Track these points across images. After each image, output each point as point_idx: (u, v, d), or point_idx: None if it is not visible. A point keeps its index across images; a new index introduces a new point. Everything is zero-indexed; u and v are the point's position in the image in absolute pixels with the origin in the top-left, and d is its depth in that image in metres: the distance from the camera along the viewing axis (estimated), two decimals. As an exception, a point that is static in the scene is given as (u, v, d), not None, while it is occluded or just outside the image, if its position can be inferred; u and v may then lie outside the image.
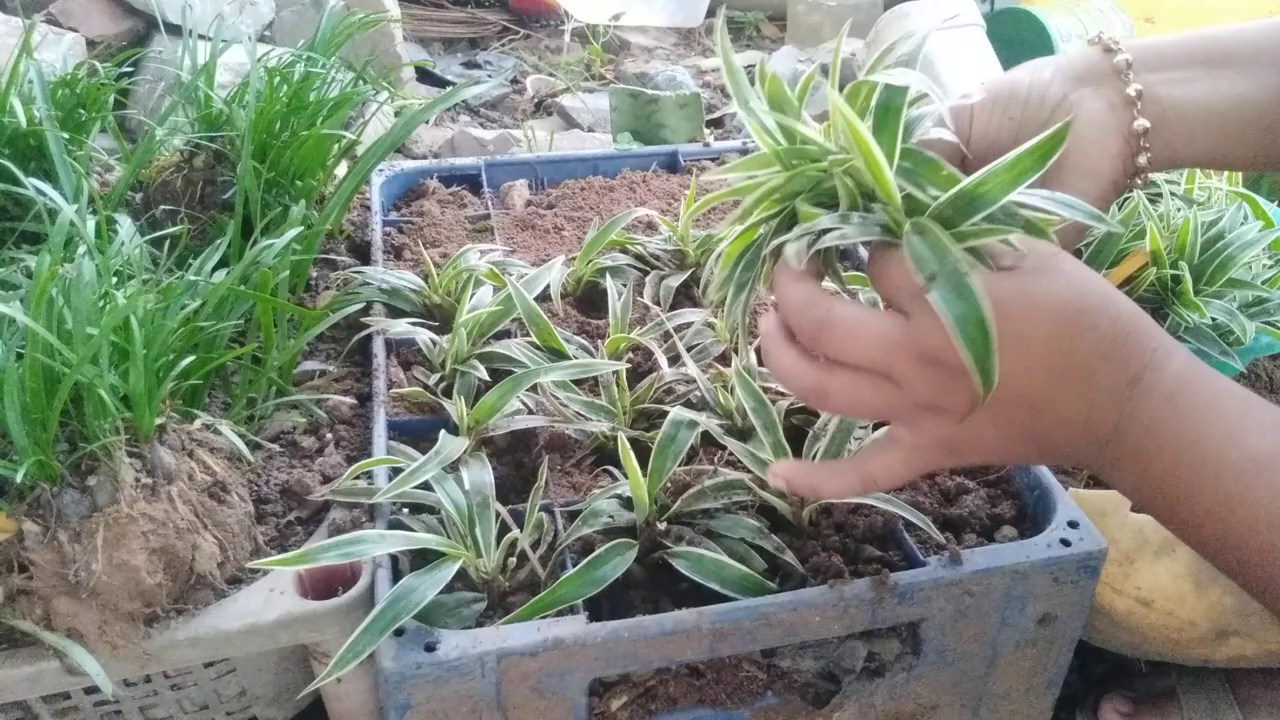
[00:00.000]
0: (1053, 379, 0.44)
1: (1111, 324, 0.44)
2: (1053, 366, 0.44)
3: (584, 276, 0.93)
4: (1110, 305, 0.45)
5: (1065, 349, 0.44)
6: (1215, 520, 0.44)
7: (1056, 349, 0.44)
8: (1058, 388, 0.45)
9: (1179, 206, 0.86)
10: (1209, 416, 0.44)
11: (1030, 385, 0.45)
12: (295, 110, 0.94)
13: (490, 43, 2.39)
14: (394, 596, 0.58)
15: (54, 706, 0.62)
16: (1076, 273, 0.45)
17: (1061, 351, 0.44)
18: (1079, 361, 0.44)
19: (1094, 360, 0.44)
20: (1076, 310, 0.44)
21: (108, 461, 0.58)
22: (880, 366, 0.46)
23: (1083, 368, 0.44)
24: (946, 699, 0.70)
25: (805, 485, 0.54)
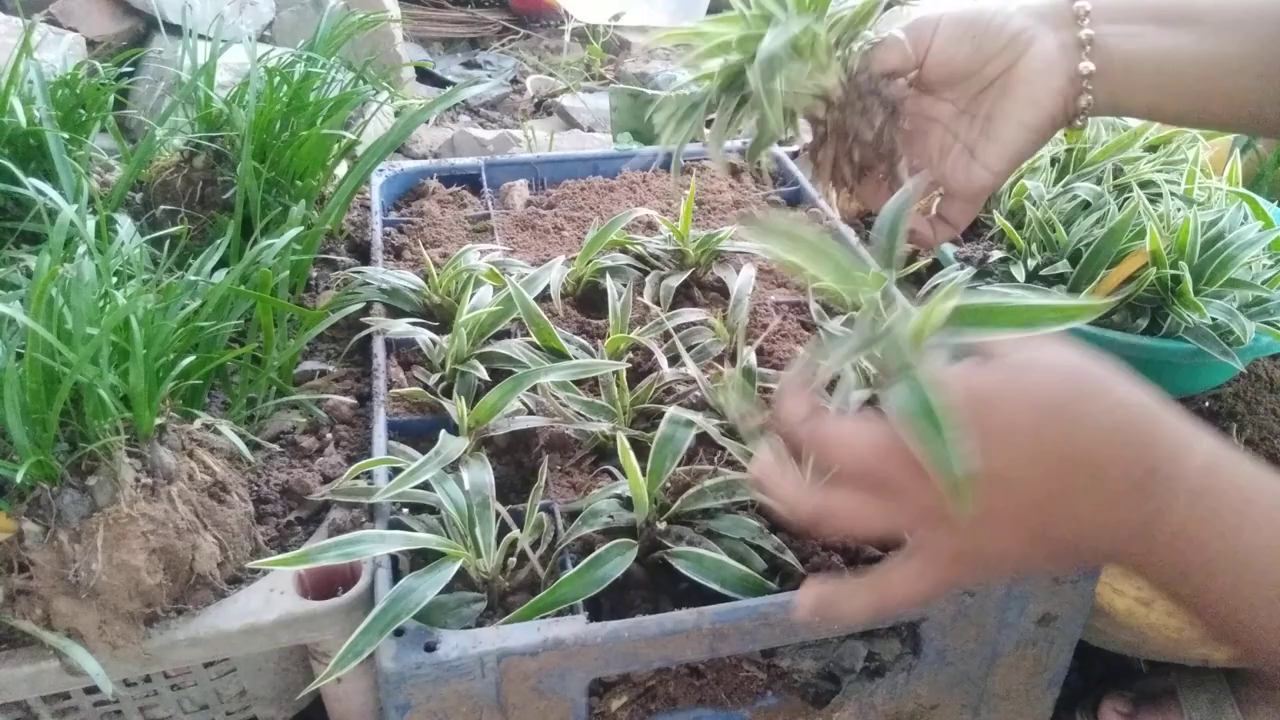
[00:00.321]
0: (1054, 474, 0.41)
1: (1113, 413, 0.41)
2: (1050, 460, 0.41)
3: (584, 276, 0.93)
4: (1111, 392, 0.41)
5: (1060, 441, 0.40)
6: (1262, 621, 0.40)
7: (1050, 441, 0.40)
8: (1062, 483, 0.41)
9: (1179, 206, 0.86)
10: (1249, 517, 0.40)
11: (1030, 482, 0.41)
12: (295, 110, 0.94)
13: (490, 43, 2.39)
14: (394, 596, 0.58)
15: (54, 706, 0.62)
16: (1070, 359, 0.42)
17: (1057, 444, 0.40)
18: (1081, 454, 0.40)
19: (1098, 451, 0.40)
20: (1070, 398, 0.41)
21: (108, 461, 0.58)
22: (876, 475, 0.43)
23: (1087, 461, 0.41)
24: (946, 699, 0.70)
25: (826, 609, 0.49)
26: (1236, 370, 0.80)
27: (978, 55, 0.58)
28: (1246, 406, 0.86)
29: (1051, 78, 0.58)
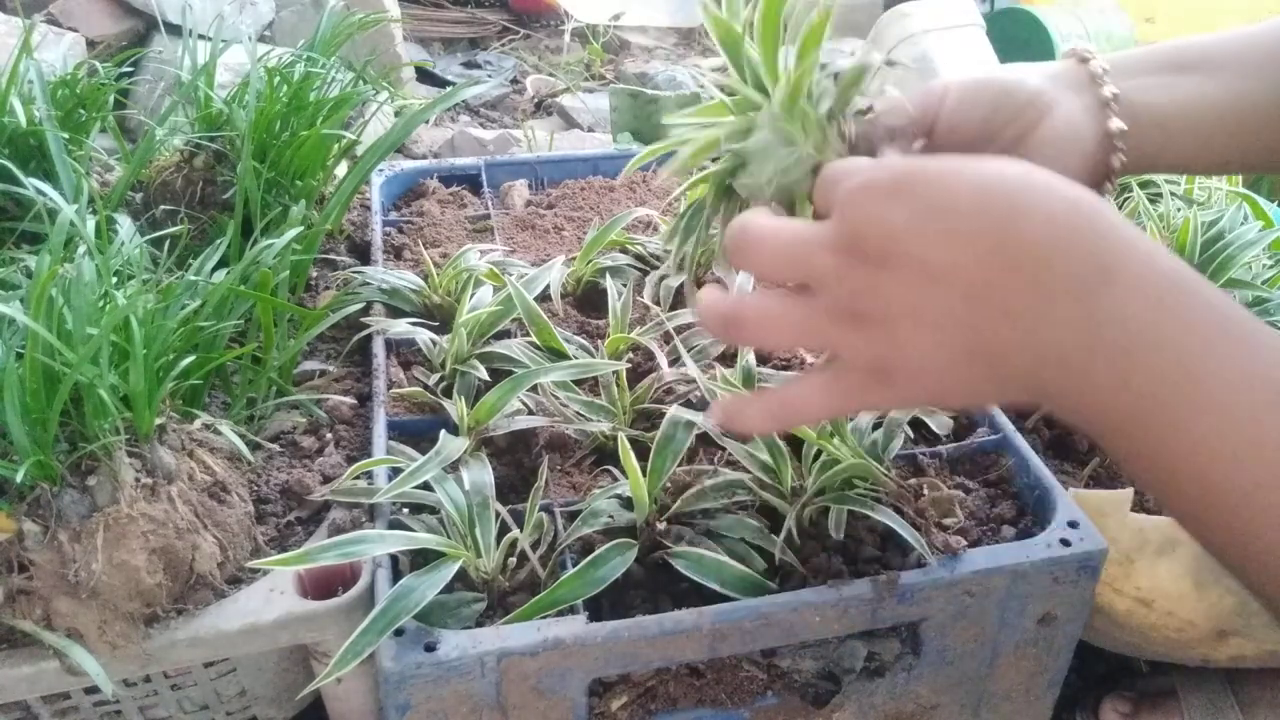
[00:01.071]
0: (992, 262, 0.36)
1: (1069, 208, 0.36)
2: (985, 246, 0.36)
3: (584, 276, 0.93)
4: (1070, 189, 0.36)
5: (1000, 225, 0.36)
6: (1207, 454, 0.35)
7: (989, 225, 0.36)
8: (997, 271, 0.36)
9: (1179, 206, 0.86)
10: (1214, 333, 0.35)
11: (962, 269, 0.36)
12: (295, 110, 0.94)
13: (490, 43, 2.39)
14: (394, 596, 0.58)
15: (54, 706, 0.62)
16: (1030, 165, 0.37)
17: (994, 228, 0.36)
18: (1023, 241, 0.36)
19: (1044, 242, 0.35)
20: (1019, 187, 0.36)
21: (108, 461, 0.58)
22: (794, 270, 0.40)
23: (1028, 248, 0.35)
24: (946, 699, 0.70)
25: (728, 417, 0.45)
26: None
27: (994, 119, 0.53)
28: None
29: (1080, 141, 0.53)
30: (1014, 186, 0.36)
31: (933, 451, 0.75)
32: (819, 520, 0.67)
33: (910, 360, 0.38)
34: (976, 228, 0.36)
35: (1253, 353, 0.35)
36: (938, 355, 0.38)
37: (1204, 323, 0.35)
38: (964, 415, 0.79)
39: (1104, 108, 0.54)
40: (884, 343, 0.38)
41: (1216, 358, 0.34)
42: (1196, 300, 0.35)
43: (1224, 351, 0.35)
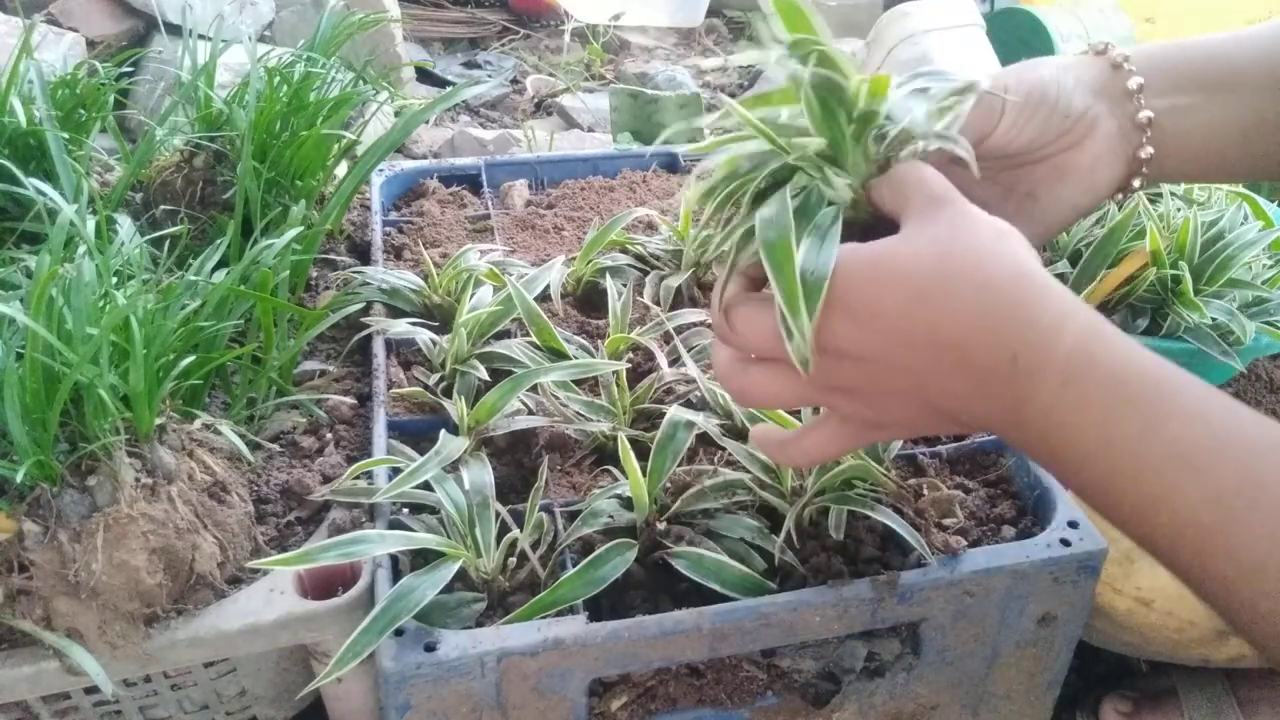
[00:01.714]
0: (925, 355, 0.42)
1: (977, 294, 0.41)
2: (919, 342, 0.42)
3: (584, 276, 0.93)
4: (980, 270, 0.41)
5: (926, 324, 0.41)
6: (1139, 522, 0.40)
7: (913, 323, 0.42)
8: (934, 362, 0.42)
9: (1179, 206, 0.86)
10: (1117, 406, 0.39)
11: (905, 362, 0.43)
12: (295, 110, 0.94)
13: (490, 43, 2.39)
14: (394, 596, 0.58)
15: (54, 706, 0.62)
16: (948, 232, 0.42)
17: (921, 325, 0.42)
18: (946, 336, 0.41)
19: (962, 335, 0.41)
20: (933, 280, 0.41)
21: (108, 461, 0.58)
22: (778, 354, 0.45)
23: (952, 343, 0.41)
24: (946, 699, 0.70)
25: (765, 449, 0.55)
26: (1236, 370, 0.80)
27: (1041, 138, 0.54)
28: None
29: (1114, 165, 0.55)
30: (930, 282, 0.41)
31: (932, 451, 0.75)
32: (819, 520, 0.67)
33: (890, 416, 0.47)
34: (904, 327, 0.42)
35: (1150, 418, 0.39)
36: (910, 413, 0.46)
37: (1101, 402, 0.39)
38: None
39: (1138, 131, 0.55)
40: (866, 407, 0.47)
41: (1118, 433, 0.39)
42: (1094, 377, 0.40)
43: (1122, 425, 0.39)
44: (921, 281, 0.41)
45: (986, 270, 0.41)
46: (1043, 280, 0.41)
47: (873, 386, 0.45)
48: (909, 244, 0.43)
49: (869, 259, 0.43)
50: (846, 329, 0.43)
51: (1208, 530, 0.37)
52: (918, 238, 0.43)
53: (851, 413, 0.48)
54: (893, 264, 0.42)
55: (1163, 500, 0.38)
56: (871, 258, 0.43)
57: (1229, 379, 0.87)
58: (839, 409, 0.49)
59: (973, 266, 0.41)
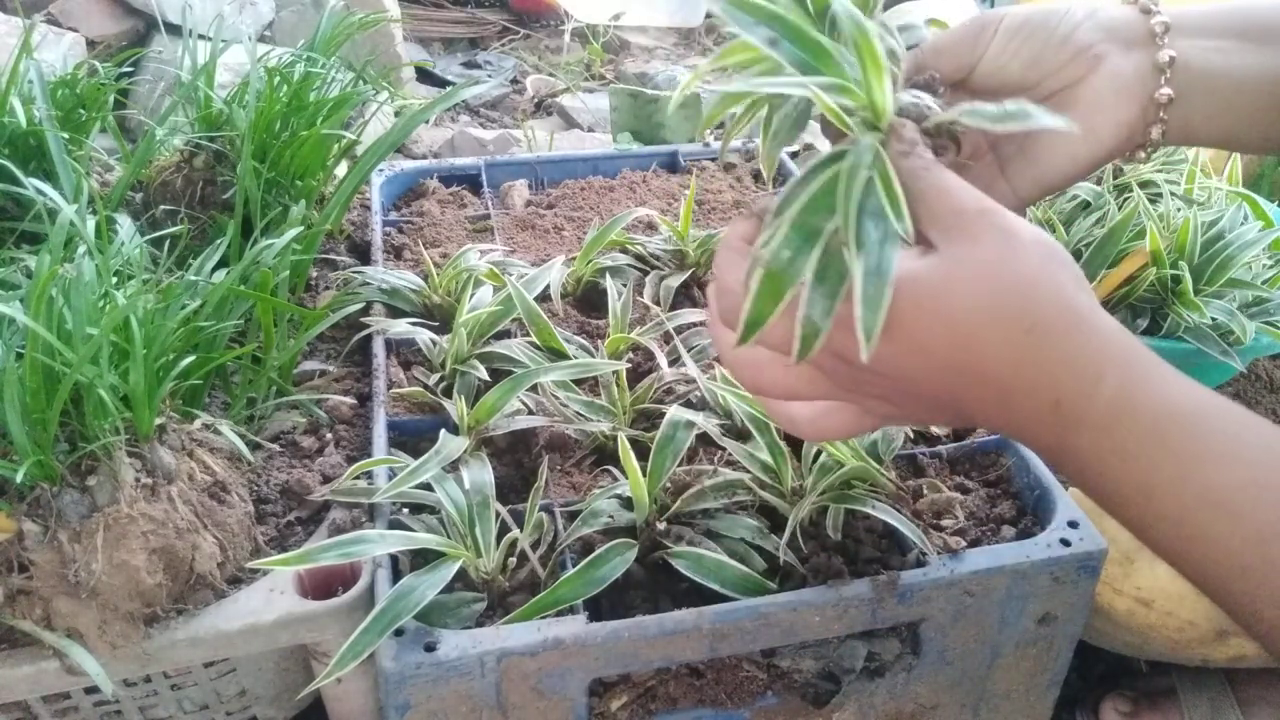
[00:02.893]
0: (965, 385, 0.41)
1: (1025, 339, 0.40)
2: (962, 376, 0.41)
3: (584, 276, 0.93)
4: (1028, 313, 0.39)
5: (971, 361, 0.40)
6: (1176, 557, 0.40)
7: (963, 361, 0.41)
8: (975, 395, 0.42)
9: (1179, 206, 0.86)
10: (1154, 453, 0.39)
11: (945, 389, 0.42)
12: (295, 110, 0.94)
13: (490, 43, 2.39)
14: (394, 596, 0.58)
15: (54, 706, 0.62)
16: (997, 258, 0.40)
17: (968, 364, 0.41)
18: (991, 376, 0.40)
19: (1006, 378, 0.40)
20: (986, 320, 0.40)
21: (108, 461, 0.58)
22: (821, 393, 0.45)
23: (995, 384, 0.41)
24: (946, 699, 0.70)
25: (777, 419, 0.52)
26: (1236, 370, 0.80)
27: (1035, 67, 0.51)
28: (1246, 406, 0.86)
29: (1120, 108, 0.51)
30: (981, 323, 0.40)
31: (933, 451, 0.75)
32: (819, 520, 0.67)
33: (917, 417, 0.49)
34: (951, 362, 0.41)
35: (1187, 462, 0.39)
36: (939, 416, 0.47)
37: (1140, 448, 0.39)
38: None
39: (1157, 72, 0.50)
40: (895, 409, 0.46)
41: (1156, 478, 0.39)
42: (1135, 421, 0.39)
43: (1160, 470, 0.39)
44: (972, 322, 0.40)
45: (1038, 311, 0.40)
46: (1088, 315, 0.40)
47: (904, 397, 0.44)
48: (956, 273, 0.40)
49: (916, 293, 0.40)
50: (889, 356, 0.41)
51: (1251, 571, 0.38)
52: (963, 264, 0.40)
53: (877, 411, 0.47)
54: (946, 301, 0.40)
55: (1206, 542, 0.38)
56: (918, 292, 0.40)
57: (1229, 379, 0.87)
58: (863, 406, 0.47)
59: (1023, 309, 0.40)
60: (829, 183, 0.41)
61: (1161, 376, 0.40)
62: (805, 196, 0.41)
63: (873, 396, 0.45)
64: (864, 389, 0.45)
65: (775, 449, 0.68)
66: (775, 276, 0.41)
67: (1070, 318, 0.40)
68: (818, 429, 0.50)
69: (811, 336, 0.40)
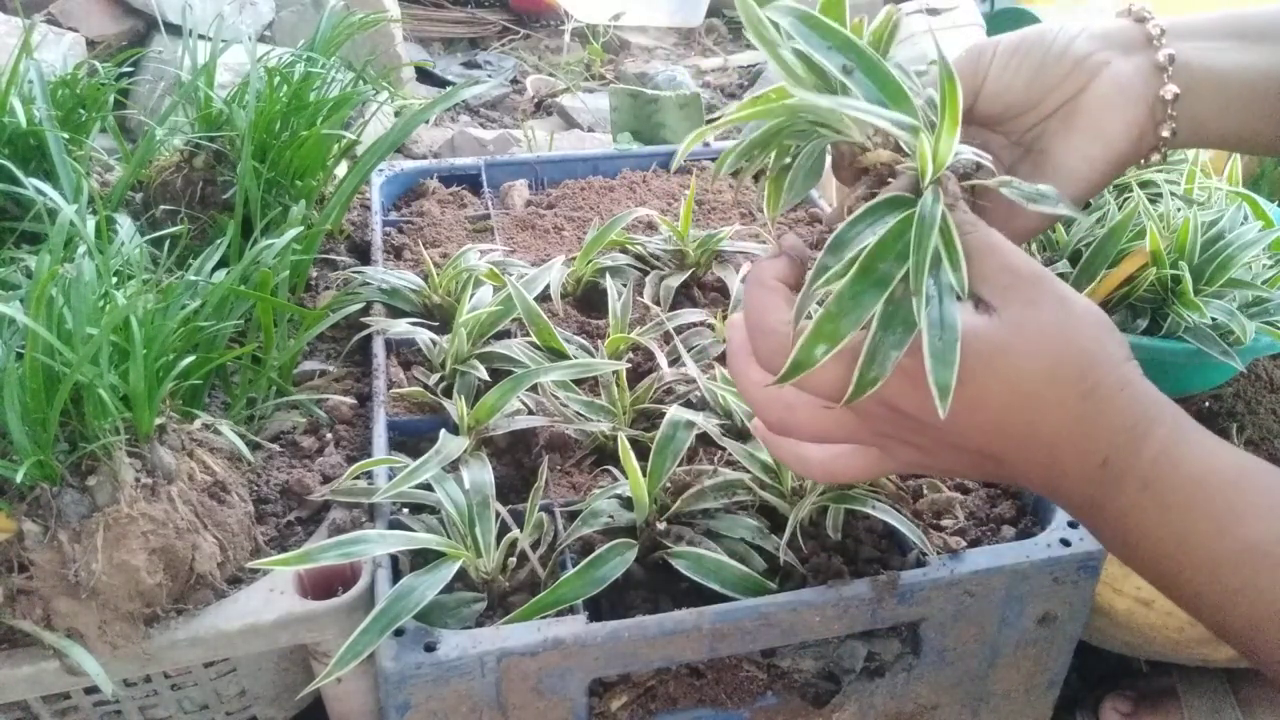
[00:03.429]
0: (1015, 445, 0.42)
1: (1080, 402, 0.41)
2: (1013, 435, 0.42)
3: (584, 276, 0.93)
4: (1085, 378, 0.41)
5: (1026, 421, 0.41)
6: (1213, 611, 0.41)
7: (1013, 420, 0.41)
8: (1021, 454, 0.42)
9: (1179, 206, 0.86)
10: (1195, 506, 0.40)
11: (991, 445, 0.43)
12: (295, 110, 0.94)
13: (490, 43, 2.39)
14: (394, 596, 0.58)
15: (54, 706, 0.62)
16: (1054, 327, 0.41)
17: (1022, 423, 0.41)
18: (1043, 436, 0.41)
19: (1058, 438, 0.41)
20: (1044, 383, 0.41)
21: (108, 461, 0.58)
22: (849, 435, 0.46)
23: (1046, 443, 0.42)
24: (946, 699, 0.70)
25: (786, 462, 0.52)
26: (1236, 370, 0.79)
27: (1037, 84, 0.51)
28: (1246, 406, 0.86)
29: (1126, 108, 0.51)
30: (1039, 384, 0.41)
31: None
32: (819, 520, 0.67)
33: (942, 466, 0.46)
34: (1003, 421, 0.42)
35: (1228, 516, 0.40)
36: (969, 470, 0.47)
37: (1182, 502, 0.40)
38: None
39: (1158, 71, 0.51)
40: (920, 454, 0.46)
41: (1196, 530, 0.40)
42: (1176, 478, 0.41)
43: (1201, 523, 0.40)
44: (1031, 382, 0.41)
45: (1092, 377, 0.41)
46: (1136, 380, 0.42)
47: (944, 449, 0.44)
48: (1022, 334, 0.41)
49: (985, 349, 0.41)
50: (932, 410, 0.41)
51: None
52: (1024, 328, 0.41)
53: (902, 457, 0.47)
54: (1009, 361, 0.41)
55: (1240, 593, 0.39)
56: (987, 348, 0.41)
57: (1229, 379, 0.87)
58: (889, 451, 0.47)
59: (1080, 373, 0.41)
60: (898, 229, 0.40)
61: (1202, 437, 0.42)
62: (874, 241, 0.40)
63: (907, 444, 0.45)
64: (902, 436, 0.45)
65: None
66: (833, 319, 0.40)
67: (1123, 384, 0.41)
68: (829, 471, 0.49)
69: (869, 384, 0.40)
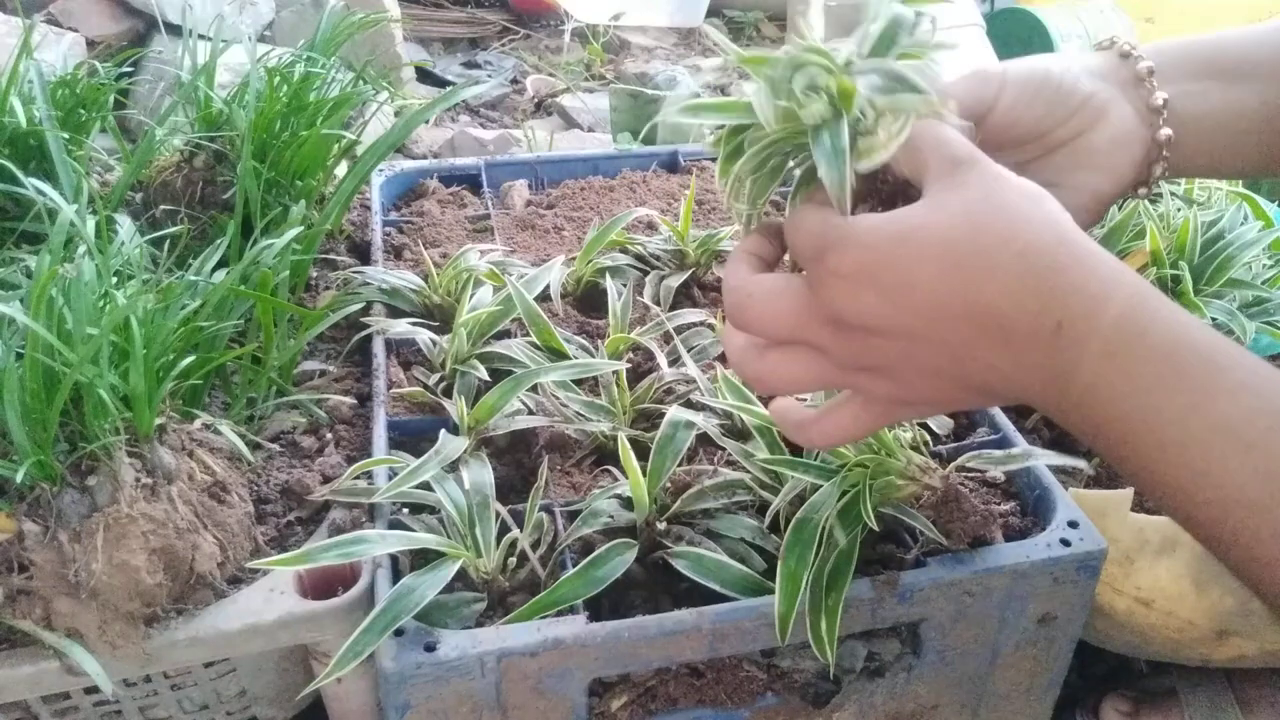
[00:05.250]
0: (961, 327, 0.40)
1: (1016, 261, 0.39)
2: (954, 314, 0.40)
3: (584, 276, 0.93)
4: (1017, 235, 0.39)
5: (960, 294, 0.40)
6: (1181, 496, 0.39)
7: (950, 294, 0.40)
8: (969, 333, 0.41)
9: (1179, 206, 0.86)
10: (1164, 378, 0.38)
11: (939, 335, 0.41)
12: (295, 110, 0.94)
13: (490, 43, 2.39)
14: (394, 596, 0.58)
15: (54, 706, 0.62)
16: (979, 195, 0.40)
17: (958, 298, 0.40)
18: (984, 307, 0.40)
19: (1001, 304, 0.39)
20: (969, 248, 0.39)
21: (108, 461, 0.58)
22: (800, 338, 0.45)
23: (989, 312, 0.40)
24: (946, 699, 0.70)
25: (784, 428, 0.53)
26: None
27: (1047, 119, 0.53)
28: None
29: (1132, 147, 0.53)
30: (966, 251, 0.40)
31: (933, 451, 0.74)
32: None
33: (918, 393, 0.45)
34: (940, 299, 0.40)
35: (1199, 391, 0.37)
36: (941, 389, 0.44)
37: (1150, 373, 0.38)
38: (964, 415, 0.79)
39: (1154, 114, 0.54)
40: (893, 384, 0.45)
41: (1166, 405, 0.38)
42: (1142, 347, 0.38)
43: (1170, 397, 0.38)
44: (956, 250, 0.40)
45: (1025, 235, 0.39)
46: (1084, 244, 0.40)
47: (905, 363, 0.43)
48: (939, 210, 0.41)
49: (898, 230, 0.41)
50: (877, 304, 0.41)
51: (1255, 508, 0.36)
52: (947, 204, 0.41)
53: (878, 392, 0.46)
54: (924, 234, 0.40)
55: (1208, 476, 0.37)
56: (901, 228, 0.41)
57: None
58: (866, 389, 0.46)
59: (1009, 232, 0.39)
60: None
61: (1171, 308, 0.39)
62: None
63: (874, 375, 0.44)
64: (862, 362, 0.44)
65: (776, 449, 0.68)
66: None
67: (1065, 244, 0.40)
68: (824, 431, 0.49)
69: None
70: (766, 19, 2.53)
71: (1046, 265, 0.39)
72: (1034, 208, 0.40)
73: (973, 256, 0.39)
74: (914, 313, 0.41)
